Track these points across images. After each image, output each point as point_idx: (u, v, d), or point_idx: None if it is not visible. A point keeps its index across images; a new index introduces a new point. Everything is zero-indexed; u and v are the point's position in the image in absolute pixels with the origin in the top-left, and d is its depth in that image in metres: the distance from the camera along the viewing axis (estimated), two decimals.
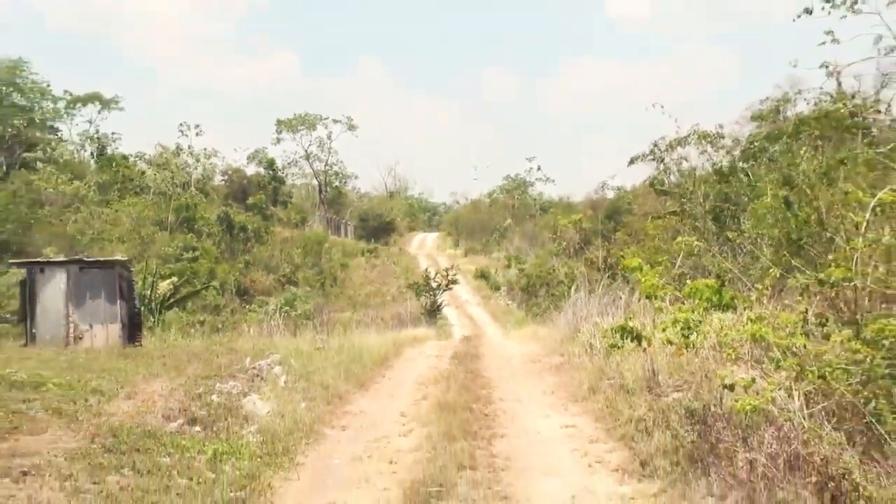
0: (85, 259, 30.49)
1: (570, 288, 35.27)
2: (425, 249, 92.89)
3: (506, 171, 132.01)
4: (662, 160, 47.72)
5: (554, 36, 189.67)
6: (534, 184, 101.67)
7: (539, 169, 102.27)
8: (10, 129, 72.43)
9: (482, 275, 70.53)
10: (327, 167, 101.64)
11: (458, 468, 11.00)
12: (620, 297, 23.98)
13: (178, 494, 9.72)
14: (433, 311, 54.52)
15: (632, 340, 13.46)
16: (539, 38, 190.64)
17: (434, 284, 58.61)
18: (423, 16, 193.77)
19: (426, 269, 66.43)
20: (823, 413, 7.90)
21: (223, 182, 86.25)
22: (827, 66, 21.06)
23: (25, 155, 71.78)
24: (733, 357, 11.57)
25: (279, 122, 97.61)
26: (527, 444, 12.75)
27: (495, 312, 57.77)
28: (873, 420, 7.48)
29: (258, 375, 18.23)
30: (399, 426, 14.44)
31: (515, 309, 56.78)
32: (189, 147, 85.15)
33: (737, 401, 8.56)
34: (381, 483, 10.63)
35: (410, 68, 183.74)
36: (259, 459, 11.47)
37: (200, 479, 10.43)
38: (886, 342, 7.97)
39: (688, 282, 12.04)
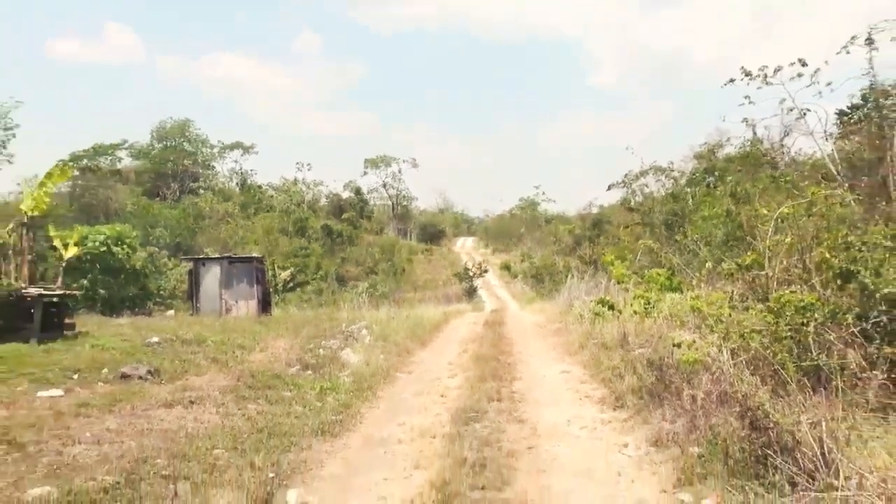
0: (232, 256, 30.88)
1: (566, 276, 35.21)
2: (465, 249, 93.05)
3: (519, 193, 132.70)
4: (630, 186, 47.67)
5: (549, 93, 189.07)
6: (540, 203, 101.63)
7: (543, 192, 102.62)
8: (181, 167, 73.45)
9: (505, 267, 70.61)
10: (397, 192, 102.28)
11: (488, 400, 11.02)
12: (601, 283, 23.97)
13: (296, 417, 9.82)
14: (471, 292, 54.65)
15: (609, 309, 13.43)
16: (538, 94, 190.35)
17: (471, 273, 58.75)
18: (459, 83, 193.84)
19: (465, 263, 66.71)
20: (744, 363, 7.86)
21: (326, 202, 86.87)
22: (746, 120, 21.02)
23: (192, 185, 72.74)
24: (680, 324, 11.53)
25: (366, 161, 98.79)
26: (536, 384, 12.75)
27: (514, 293, 57.83)
28: (779, 367, 7.45)
29: (351, 336, 18.36)
30: (447, 371, 14.47)
31: (528, 290, 56.71)
32: (303, 178, 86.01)
33: (683, 355, 8.54)
34: (435, 410, 10.67)
35: (451, 120, 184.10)
36: (351, 393, 11.56)
37: (311, 407, 10.53)
38: (787, 313, 7.93)
39: (647, 272, 12.05)
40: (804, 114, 9.52)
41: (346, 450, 8.53)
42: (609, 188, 51.05)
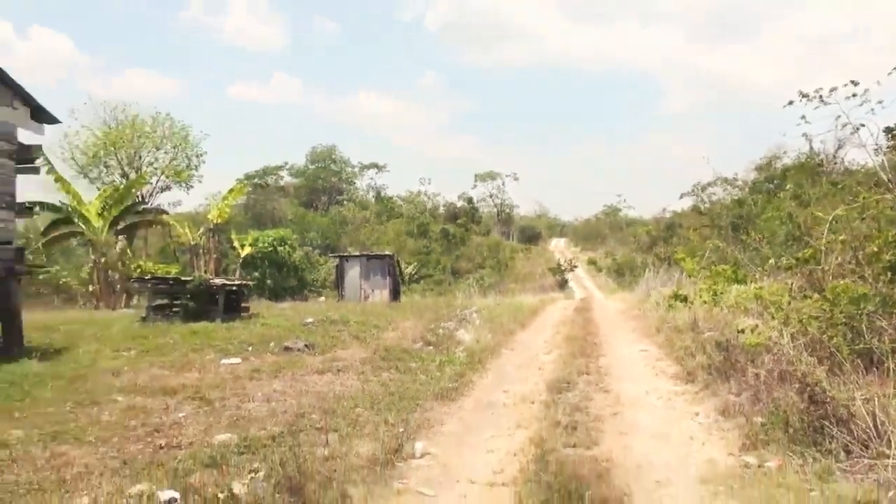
0: (369, 254, 31.52)
1: (644, 271, 34.25)
2: (558, 248, 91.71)
3: (603, 201, 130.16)
4: (699, 194, 45.94)
5: (627, 117, 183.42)
6: (621, 209, 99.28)
7: (624, 200, 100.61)
8: (329, 184, 75.52)
9: (591, 262, 69.33)
10: (501, 201, 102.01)
11: (578, 373, 10.83)
12: (674, 277, 23.17)
13: (420, 384, 9.92)
14: (562, 284, 53.88)
15: (681, 301, 12.95)
16: (617, 118, 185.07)
17: (563, 268, 57.89)
18: (550, 109, 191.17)
19: (558, 259, 65.80)
20: (802, 346, 7.43)
21: (443, 210, 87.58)
22: (805, 135, 19.89)
23: (338, 197, 74.69)
24: (744, 311, 11.01)
25: (476, 176, 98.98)
26: (618, 361, 12.45)
27: (599, 285, 56.67)
28: (835, 350, 7.01)
29: (464, 319, 18.41)
30: (543, 349, 14.32)
31: (611, 283, 55.53)
32: (425, 190, 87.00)
33: (747, 338, 8.15)
34: (533, 380, 10.57)
35: (545, 140, 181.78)
36: (465, 366, 11.56)
37: (432, 376, 10.61)
38: (842, 302, 7.46)
39: (714, 267, 11.57)
40: (857, 129, 8.93)
41: (461, 411, 8.57)
42: (681, 196, 49.57)
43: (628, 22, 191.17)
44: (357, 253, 33.61)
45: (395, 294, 29.27)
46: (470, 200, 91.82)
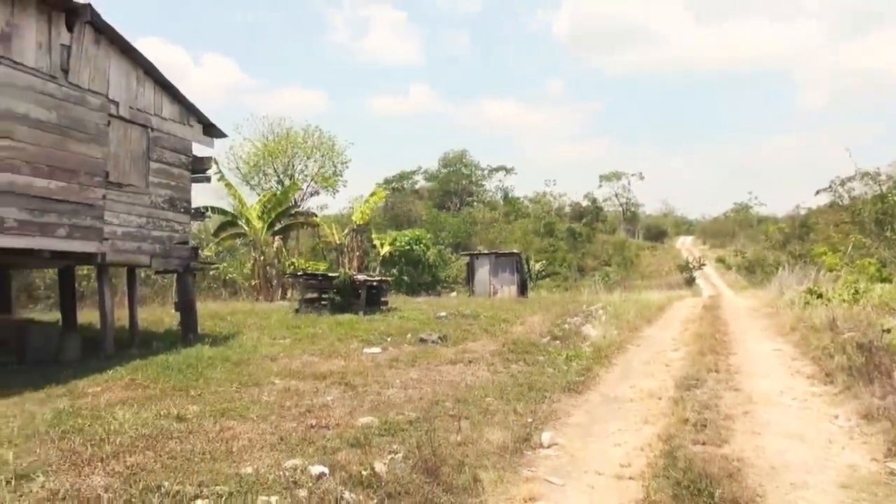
0: (498, 252, 31.56)
1: (776, 268, 31.95)
2: (685, 246, 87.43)
3: (732, 198, 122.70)
4: (837, 190, 42.26)
5: (758, 115, 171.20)
6: (752, 206, 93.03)
7: (755, 197, 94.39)
8: (460, 186, 76.36)
9: (720, 260, 65.38)
10: (627, 200, 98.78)
11: (707, 370, 10.28)
12: (810, 275, 21.41)
13: (548, 377, 9.81)
14: (690, 281, 51.35)
15: (817, 298, 11.96)
16: (748, 116, 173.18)
17: (690, 266, 55.20)
18: (679, 109, 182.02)
19: (686, 257, 62.79)
20: None
21: (569, 209, 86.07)
22: None
23: (468, 199, 75.39)
24: (890, 311, 9.99)
25: (601, 177, 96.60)
26: (750, 359, 11.68)
27: (728, 282, 53.44)
28: None
29: (590, 315, 18.03)
30: (671, 345, 13.72)
31: (741, 280, 52.19)
32: (550, 191, 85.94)
33: (893, 339, 7.38)
34: (661, 376, 10.16)
35: (673, 139, 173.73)
36: (591, 360, 11.31)
37: (559, 369, 10.46)
38: None
39: (857, 262, 10.58)
40: None
41: (588, 404, 8.39)
42: (817, 193, 45.79)
43: (757, 18, 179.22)
44: (486, 251, 33.78)
45: (522, 290, 29.14)
46: (594, 200, 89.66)
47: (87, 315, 15.93)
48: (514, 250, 33.59)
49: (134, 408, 7.28)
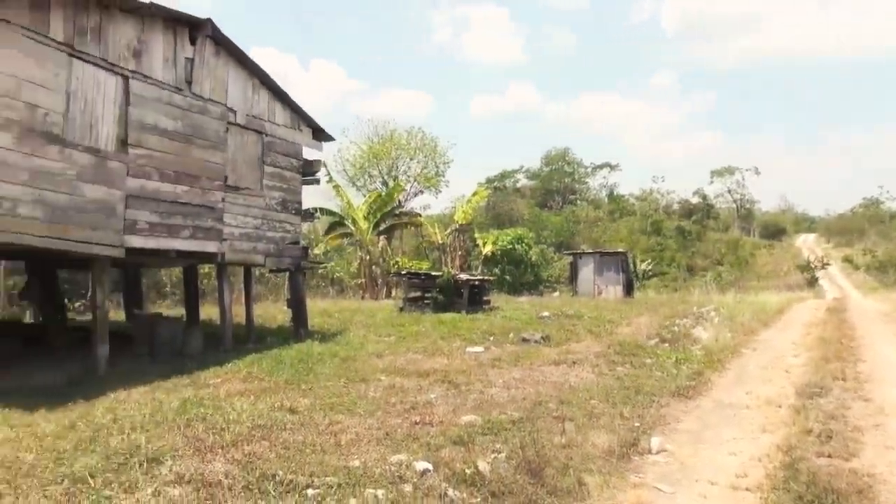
0: (602, 251, 30.91)
1: None
2: (806, 245, 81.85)
3: (861, 193, 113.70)
4: None
5: (889, 106, 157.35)
6: (884, 202, 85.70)
7: (887, 191, 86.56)
8: (562, 184, 75.44)
9: (846, 260, 60.70)
10: (741, 196, 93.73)
11: (832, 378, 9.58)
12: None
13: (656, 380, 9.49)
14: (812, 282, 48.07)
15: None
16: (877, 107, 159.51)
17: (812, 266, 51.72)
18: (795, 101, 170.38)
19: (807, 256, 58.87)
20: None
21: (678, 207, 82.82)
22: None
23: (570, 197, 74.42)
24: None
25: (712, 172, 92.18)
26: (881, 367, 10.78)
27: (856, 283, 49.49)
28: None
29: (701, 316, 17.29)
30: (791, 350, 12.90)
31: (871, 281, 48.27)
32: (657, 188, 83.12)
33: None
34: (779, 383, 9.57)
35: (791, 131, 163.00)
36: (702, 364, 10.83)
37: (668, 373, 10.10)
38: None
39: None
40: None
41: (699, 410, 8.03)
42: None
43: (887, 1, 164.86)
44: (590, 250, 33.18)
45: (628, 290, 28.39)
46: (705, 197, 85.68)
47: (208, 311, 17.00)
48: (620, 249, 32.79)
49: (251, 399, 7.69)
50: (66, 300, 16.31)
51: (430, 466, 5.29)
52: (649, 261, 45.91)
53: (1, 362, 10.17)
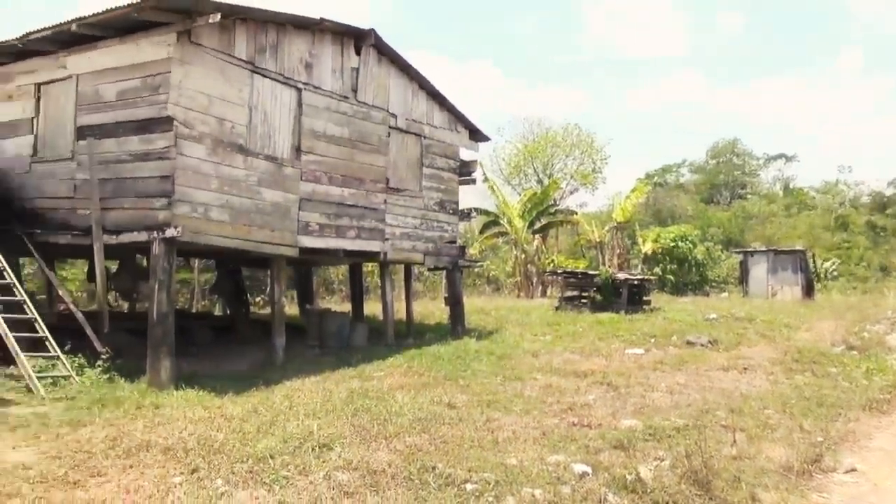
0: (777, 249, 28.75)
1: None
2: None
3: None
4: None
5: None
6: None
7: None
8: (730, 178, 70.91)
9: None
10: None
11: None
12: None
13: (842, 391, 8.61)
14: None
15: None
16: None
17: None
18: None
19: None
20: None
21: (868, 200, 74.40)
22: None
23: (740, 191, 69.83)
24: None
25: None
26: None
27: None
28: None
29: None
30: None
31: None
32: (843, 179, 75.33)
33: None
34: None
35: None
36: None
37: (857, 384, 9.11)
38: None
39: None
40: None
41: (895, 427, 7.17)
42: None
43: None
44: (763, 248, 30.83)
45: (807, 291, 26.03)
46: None
47: (371, 307, 17.91)
48: (798, 247, 30.17)
49: (411, 393, 7.99)
50: (248, 295, 17.94)
51: (588, 469, 5.20)
52: (833, 260, 41.71)
53: (197, 348, 11.40)
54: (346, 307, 17.14)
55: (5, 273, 9.02)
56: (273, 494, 4.62)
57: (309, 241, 10.91)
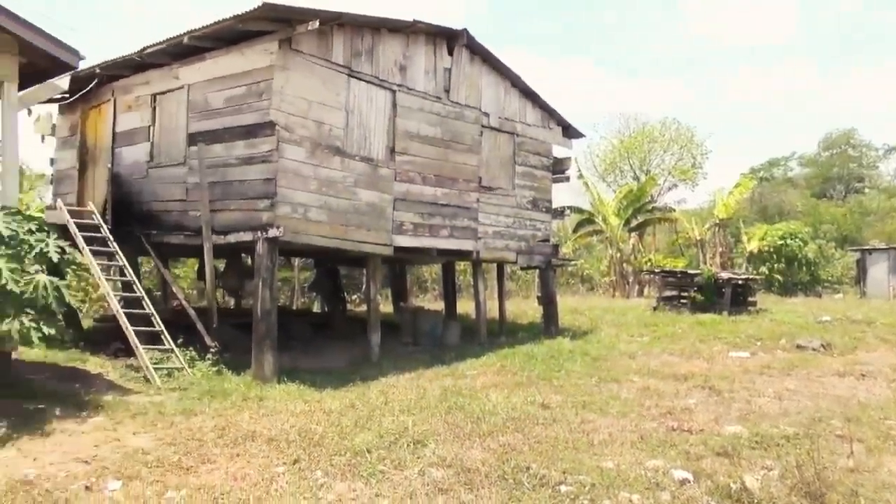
0: None
1: None
2: None
3: None
4: None
5: None
6: None
7: None
8: (845, 171, 66.31)
9: None
10: None
11: None
12: None
13: None
14: None
15: None
16: None
17: None
18: None
19: None
20: None
21: None
22: None
23: (856, 185, 65.26)
24: None
25: None
26: None
27: None
28: None
29: None
30: None
31: None
32: None
33: None
34: None
35: None
36: None
37: None
38: None
39: None
40: None
41: None
42: None
43: None
44: (883, 245, 28.64)
45: None
46: None
47: (463, 305, 18.01)
48: None
49: (504, 392, 7.98)
50: (345, 293, 18.49)
51: (689, 476, 5.01)
52: None
53: (298, 343, 11.86)
54: (439, 305, 17.32)
55: (126, 271, 9.71)
56: (370, 488, 4.74)
57: (403, 241, 11.11)
